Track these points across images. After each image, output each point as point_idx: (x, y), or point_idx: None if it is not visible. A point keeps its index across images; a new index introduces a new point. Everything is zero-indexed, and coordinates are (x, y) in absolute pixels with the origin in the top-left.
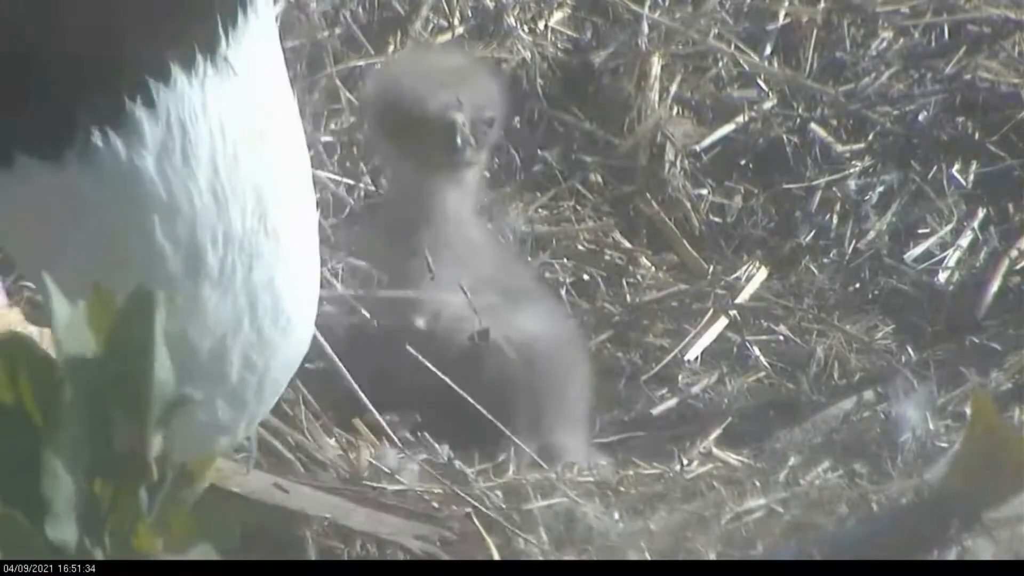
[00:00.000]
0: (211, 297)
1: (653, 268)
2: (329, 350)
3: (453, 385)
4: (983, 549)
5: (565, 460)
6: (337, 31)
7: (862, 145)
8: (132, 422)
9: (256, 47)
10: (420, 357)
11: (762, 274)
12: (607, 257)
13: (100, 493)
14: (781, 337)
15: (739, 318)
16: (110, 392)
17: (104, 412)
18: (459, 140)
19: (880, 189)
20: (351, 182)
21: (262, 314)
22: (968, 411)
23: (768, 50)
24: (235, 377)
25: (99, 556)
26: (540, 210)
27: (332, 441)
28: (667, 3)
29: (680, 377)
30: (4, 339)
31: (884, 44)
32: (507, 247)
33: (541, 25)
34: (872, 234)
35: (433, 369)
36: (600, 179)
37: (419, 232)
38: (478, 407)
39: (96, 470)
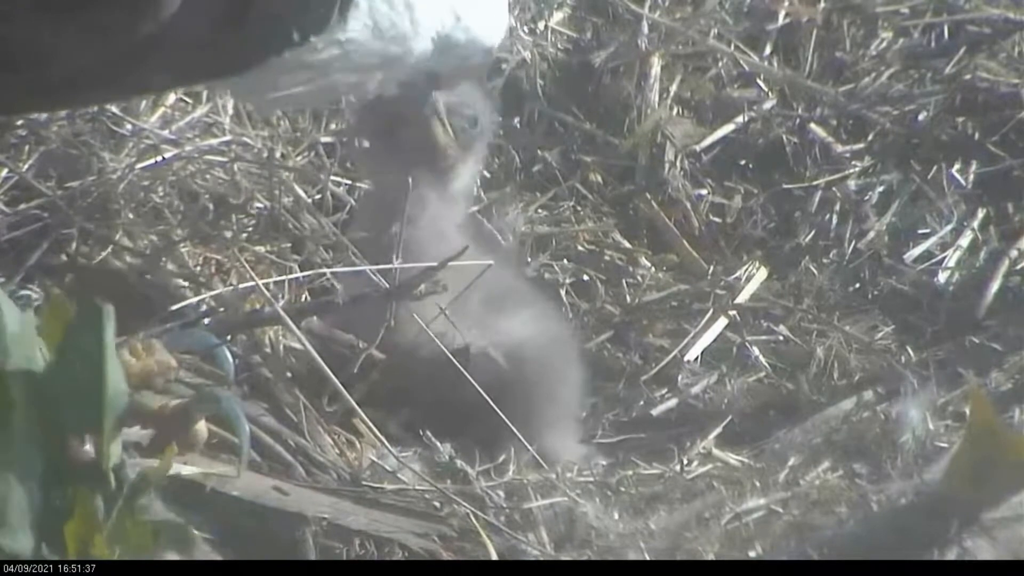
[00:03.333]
0: None
1: (653, 268)
2: (316, 356)
3: (473, 381)
4: (983, 549)
5: (562, 460)
6: None
7: (862, 145)
8: (87, 432)
9: None
10: (439, 342)
11: (762, 274)
12: (607, 257)
13: (57, 503)
14: (781, 337)
15: (739, 318)
16: (62, 402)
17: (58, 422)
18: (439, 139)
19: (880, 189)
20: (351, 182)
21: None
22: (967, 411)
23: (768, 50)
24: None
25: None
26: (540, 210)
27: (332, 442)
28: (667, 3)
29: (680, 377)
30: None
31: (884, 44)
32: (496, 251)
33: (541, 25)
34: (872, 234)
35: (454, 360)
36: (600, 179)
37: (396, 241)
38: (492, 404)
39: (52, 480)
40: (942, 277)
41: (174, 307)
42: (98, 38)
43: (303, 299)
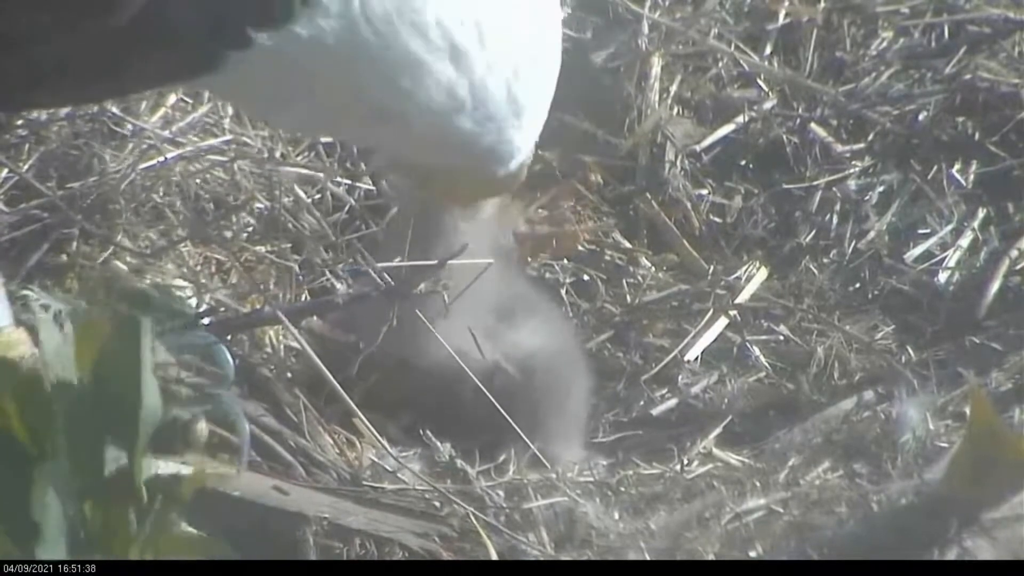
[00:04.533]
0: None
1: (653, 268)
2: (314, 357)
3: (486, 391)
4: (983, 549)
5: (562, 460)
6: None
7: (862, 145)
8: (121, 447)
9: None
10: (455, 355)
11: (762, 274)
12: (607, 257)
13: (91, 516)
14: (781, 337)
15: (739, 318)
16: (98, 418)
17: (94, 437)
18: None
19: (880, 189)
20: (351, 182)
21: None
22: (967, 411)
23: (768, 50)
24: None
25: None
26: (540, 210)
27: (332, 442)
28: (667, 3)
29: (680, 377)
30: None
31: (884, 44)
32: (512, 266)
33: None
34: (872, 234)
35: (474, 378)
36: (600, 179)
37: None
38: (505, 415)
39: (87, 494)
40: (942, 277)
41: (174, 307)
42: (74, 27)
43: (303, 299)
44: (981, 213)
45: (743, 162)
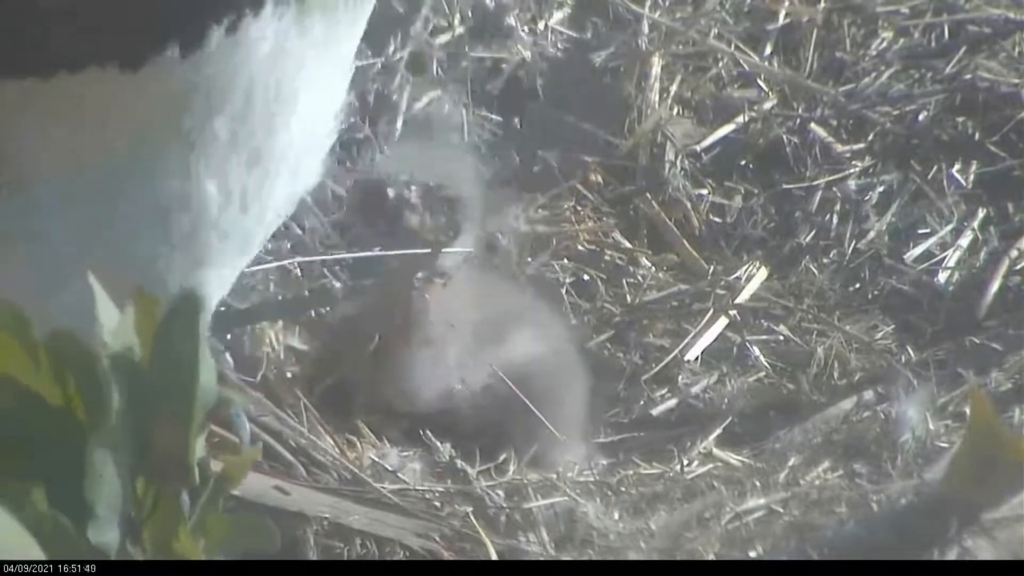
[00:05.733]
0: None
1: (653, 268)
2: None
3: (511, 384)
4: (983, 549)
5: (562, 461)
6: None
7: (862, 145)
8: (175, 426)
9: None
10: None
11: (762, 274)
12: (607, 257)
13: (142, 496)
14: (781, 337)
15: (739, 318)
16: (154, 397)
17: (148, 416)
18: (415, 228)
19: (880, 189)
20: (351, 181)
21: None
22: (967, 411)
23: (768, 50)
24: None
25: (139, 559)
26: (540, 210)
27: (333, 442)
28: (667, 3)
29: (680, 377)
30: (52, 335)
31: (884, 44)
32: (497, 280)
33: (541, 25)
34: (872, 234)
35: (498, 371)
36: (600, 179)
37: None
38: (536, 412)
39: (138, 473)
40: (942, 277)
41: None
42: None
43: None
44: (981, 213)
45: (743, 162)
